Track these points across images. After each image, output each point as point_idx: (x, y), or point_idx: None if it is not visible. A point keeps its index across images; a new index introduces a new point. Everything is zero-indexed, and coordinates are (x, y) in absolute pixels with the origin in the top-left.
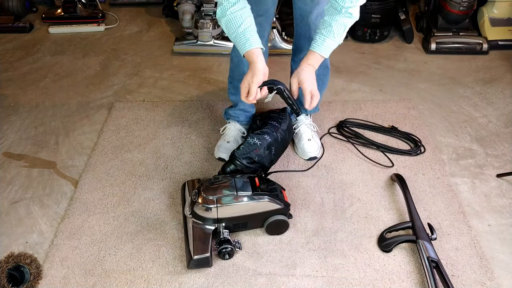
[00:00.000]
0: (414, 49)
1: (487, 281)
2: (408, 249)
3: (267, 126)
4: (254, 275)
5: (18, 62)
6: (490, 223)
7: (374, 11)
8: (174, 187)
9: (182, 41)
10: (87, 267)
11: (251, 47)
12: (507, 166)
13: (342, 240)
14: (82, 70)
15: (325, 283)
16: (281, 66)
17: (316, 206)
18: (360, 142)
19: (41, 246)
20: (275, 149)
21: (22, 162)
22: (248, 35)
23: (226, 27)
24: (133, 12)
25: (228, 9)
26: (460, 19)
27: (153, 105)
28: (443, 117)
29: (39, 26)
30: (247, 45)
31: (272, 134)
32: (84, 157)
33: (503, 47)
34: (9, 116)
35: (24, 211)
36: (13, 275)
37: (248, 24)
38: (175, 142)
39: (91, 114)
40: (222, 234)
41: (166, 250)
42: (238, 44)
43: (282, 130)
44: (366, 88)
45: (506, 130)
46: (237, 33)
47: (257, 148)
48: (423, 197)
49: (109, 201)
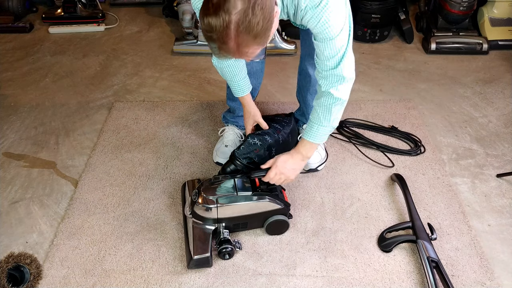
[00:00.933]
0: (414, 49)
1: (487, 281)
2: (408, 249)
3: (269, 128)
4: (254, 275)
5: (18, 62)
6: (490, 223)
7: (374, 11)
8: (174, 187)
9: (182, 41)
10: (87, 267)
11: (244, 94)
12: (507, 166)
13: (342, 240)
14: (82, 70)
15: (325, 283)
16: (281, 66)
17: (316, 206)
18: (360, 142)
19: (41, 246)
20: (276, 150)
21: (22, 162)
22: (241, 83)
23: (220, 73)
24: (133, 12)
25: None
26: (460, 19)
27: (153, 105)
28: (443, 117)
29: (39, 26)
30: (240, 92)
31: (273, 135)
32: (84, 157)
33: (503, 47)
34: (9, 116)
35: (24, 211)
36: (13, 275)
37: (240, 75)
38: (175, 142)
39: (91, 114)
40: (222, 234)
41: (166, 250)
42: (232, 89)
43: (284, 133)
44: (366, 88)
45: (506, 130)
46: (232, 81)
47: (257, 148)
48: (423, 197)
49: (109, 201)
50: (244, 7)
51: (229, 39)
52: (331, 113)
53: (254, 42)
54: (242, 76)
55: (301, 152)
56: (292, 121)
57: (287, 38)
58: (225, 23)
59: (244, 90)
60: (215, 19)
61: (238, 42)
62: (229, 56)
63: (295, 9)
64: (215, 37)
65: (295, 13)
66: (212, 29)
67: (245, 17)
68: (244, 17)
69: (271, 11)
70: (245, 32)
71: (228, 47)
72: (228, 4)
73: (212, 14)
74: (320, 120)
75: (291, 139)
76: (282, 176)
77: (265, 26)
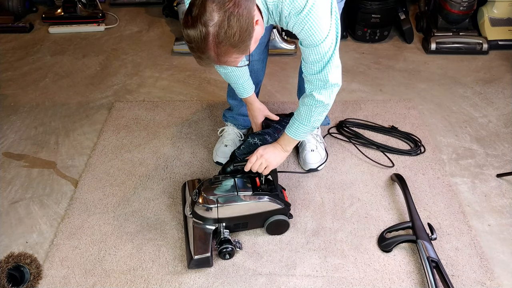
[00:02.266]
0: (414, 49)
1: (487, 281)
2: (408, 249)
3: (269, 128)
4: (254, 275)
5: (18, 62)
6: (490, 223)
7: (374, 11)
8: (174, 187)
9: (182, 41)
10: (87, 267)
11: (249, 95)
12: (507, 166)
13: (342, 240)
14: (82, 70)
15: (325, 283)
16: (281, 66)
17: (316, 206)
18: (360, 142)
19: (41, 246)
20: None
21: (22, 162)
22: (246, 85)
23: (225, 78)
24: (133, 12)
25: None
26: (460, 19)
27: (153, 105)
28: (443, 117)
29: (39, 26)
30: (245, 93)
31: (273, 135)
32: (84, 157)
33: (503, 47)
34: (9, 116)
35: (24, 211)
36: (13, 275)
37: (244, 78)
38: (175, 142)
39: (91, 114)
40: (223, 234)
41: (166, 250)
42: (236, 91)
43: None
44: (366, 88)
45: (506, 130)
46: (236, 84)
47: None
48: (423, 197)
49: (109, 201)
50: (220, 19)
51: (208, 50)
52: (311, 114)
53: (233, 51)
54: (245, 79)
55: (281, 145)
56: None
57: (287, 38)
58: (203, 35)
59: (248, 91)
60: (193, 31)
61: (217, 52)
62: (210, 64)
63: (279, 16)
64: (195, 48)
65: (280, 20)
66: (191, 41)
67: (221, 28)
68: (221, 28)
69: (249, 21)
70: (222, 43)
71: (208, 56)
72: (205, 16)
73: (191, 26)
74: (302, 119)
75: None
76: (263, 161)
77: (243, 36)
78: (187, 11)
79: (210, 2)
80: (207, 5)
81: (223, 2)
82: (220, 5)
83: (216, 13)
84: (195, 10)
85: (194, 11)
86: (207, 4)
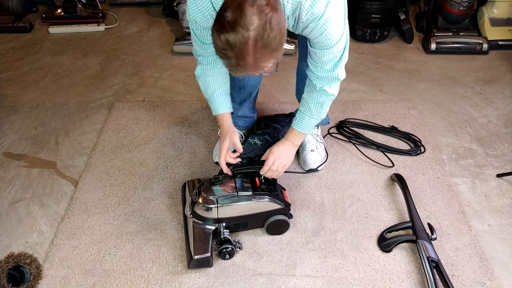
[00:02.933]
0: (414, 49)
1: (487, 281)
2: (408, 249)
3: (269, 128)
4: (254, 275)
5: (18, 62)
6: (490, 223)
7: (374, 11)
8: (174, 187)
9: (182, 41)
10: (87, 267)
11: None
12: (507, 166)
13: (342, 240)
14: (82, 70)
15: (325, 283)
16: (281, 66)
17: (316, 206)
18: (360, 142)
19: (41, 246)
20: None
21: (22, 162)
22: (223, 99)
23: (202, 86)
24: (133, 12)
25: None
26: (460, 19)
27: (153, 105)
28: (443, 117)
29: (39, 26)
30: (220, 108)
31: (273, 135)
32: (84, 157)
33: (503, 47)
34: (9, 116)
35: (24, 211)
36: (13, 275)
37: (223, 90)
38: (175, 142)
39: (91, 114)
40: (223, 234)
41: (166, 250)
42: (210, 105)
43: (284, 132)
44: (366, 88)
45: (506, 130)
46: (213, 96)
47: (257, 148)
48: (423, 197)
49: (109, 201)
50: (261, 22)
51: (247, 55)
52: (322, 107)
53: (271, 56)
54: (224, 91)
55: (291, 141)
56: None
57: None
58: (245, 39)
59: (224, 106)
60: (233, 35)
61: (256, 57)
62: (245, 72)
63: (295, 21)
64: (232, 54)
65: (295, 25)
66: (230, 46)
67: (263, 32)
68: (262, 32)
69: (284, 24)
70: (263, 47)
71: (246, 62)
72: (245, 20)
73: (230, 30)
74: (312, 113)
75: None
76: (281, 161)
77: (281, 39)
78: (219, 16)
79: (248, 5)
80: (245, 9)
81: (261, 6)
82: (260, 9)
83: (256, 17)
84: (232, 14)
85: (230, 15)
86: (245, 7)
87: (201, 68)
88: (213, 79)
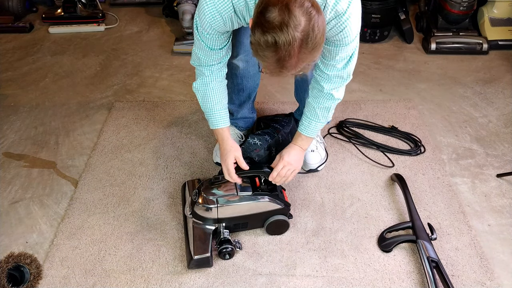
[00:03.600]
0: (414, 49)
1: (487, 281)
2: (408, 249)
3: (269, 128)
4: (254, 275)
5: (18, 62)
6: (490, 223)
7: (374, 11)
8: (174, 187)
9: (182, 41)
10: (87, 267)
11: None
12: (507, 166)
13: (342, 240)
14: (82, 70)
15: (325, 283)
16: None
17: (316, 206)
18: (360, 142)
19: (41, 246)
20: (276, 150)
21: (22, 162)
22: (223, 113)
23: (201, 99)
24: (133, 12)
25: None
26: (460, 19)
27: (153, 105)
28: (443, 117)
29: (39, 26)
30: (221, 123)
31: (273, 135)
32: (84, 157)
33: (503, 47)
34: (9, 116)
35: (24, 211)
36: (13, 275)
37: (223, 104)
38: (175, 142)
39: (91, 114)
40: (223, 234)
41: (166, 250)
42: (209, 119)
43: (284, 133)
44: (366, 88)
45: (506, 130)
46: (213, 110)
47: (257, 148)
48: (423, 197)
49: (109, 201)
50: (308, 23)
51: (293, 56)
52: (329, 111)
53: (312, 57)
54: (224, 105)
55: (299, 145)
56: (292, 121)
57: None
58: (293, 40)
59: (224, 120)
60: (282, 36)
61: (300, 58)
62: (283, 73)
63: None
64: (276, 55)
65: None
66: (276, 47)
67: (309, 33)
68: (309, 33)
69: (325, 25)
70: (307, 48)
71: (289, 63)
72: (294, 20)
73: (278, 30)
74: (318, 118)
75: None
76: (290, 167)
77: (322, 40)
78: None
79: (297, 6)
80: (294, 10)
81: (308, 7)
82: (307, 10)
83: (303, 18)
84: (279, 14)
85: (277, 16)
86: (293, 8)
87: (201, 80)
88: (214, 92)
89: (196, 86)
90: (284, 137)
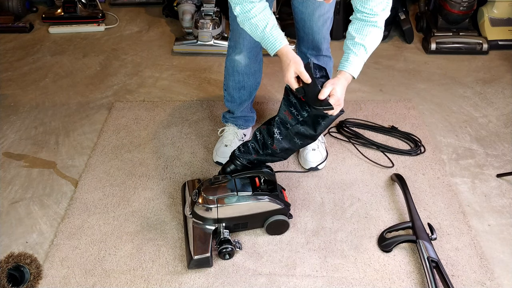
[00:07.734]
0: (414, 49)
1: (487, 281)
2: (408, 249)
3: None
4: (254, 275)
5: (18, 62)
6: (490, 223)
7: None
8: (174, 187)
9: (182, 41)
10: (87, 267)
11: (281, 46)
12: (507, 166)
13: (342, 240)
14: (82, 70)
15: (325, 283)
16: (281, 66)
17: (316, 206)
18: (360, 142)
19: (41, 246)
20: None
21: (22, 162)
22: (275, 34)
23: (250, 30)
24: (133, 12)
25: (251, 11)
26: (460, 19)
27: (153, 105)
28: (443, 117)
29: (39, 26)
30: (277, 44)
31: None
32: (84, 157)
33: (503, 47)
34: (9, 116)
35: (24, 211)
36: (13, 275)
37: (272, 23)
38: (175, 142)
39: (91, 114)
40: (223, 234)
41: (166, 250)
42: (266, 44)
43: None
44: (366, 88)
45: (506, 130)
46: (264, 34)
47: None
48: (423, 197)
49: (109, 201)
50: None
51: None
52: (375, 46)
53: None
54: (274, 24)
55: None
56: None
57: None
58: None
59: (281, 39)
60: None
61: None
62: None
63: None
64: None
65: None
66: None
67: None
68: None
69: None
70: None
71: None
72: None
73: None
74: (366, 56)
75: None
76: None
77: None
78: None
79: None
80: None
81: None
82: None
83: None
84: None
85: None
86: None
87: (242, 11)
88: (258, 18)
89: (240, 20)
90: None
